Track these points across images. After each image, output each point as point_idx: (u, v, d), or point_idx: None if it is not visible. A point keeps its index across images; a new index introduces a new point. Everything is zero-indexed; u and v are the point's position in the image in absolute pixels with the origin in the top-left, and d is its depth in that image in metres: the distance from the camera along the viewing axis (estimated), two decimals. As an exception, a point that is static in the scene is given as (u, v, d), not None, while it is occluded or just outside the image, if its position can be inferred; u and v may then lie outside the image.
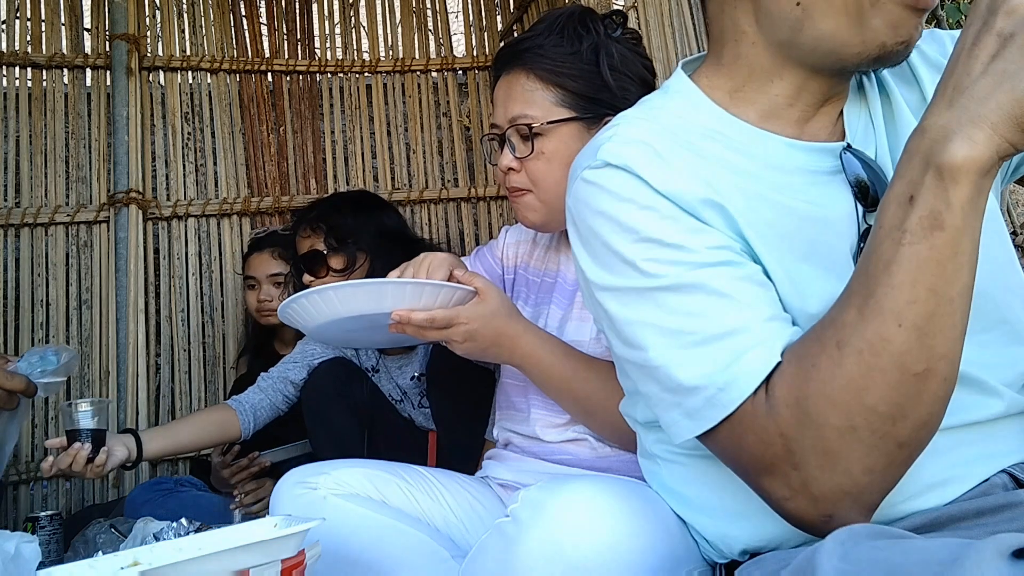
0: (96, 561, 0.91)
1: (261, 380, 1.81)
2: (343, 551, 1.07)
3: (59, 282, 2.36)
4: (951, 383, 0.58)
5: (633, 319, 0.70)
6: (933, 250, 0.54)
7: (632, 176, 0.71)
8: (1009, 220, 2.21)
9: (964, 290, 0.56)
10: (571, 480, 0.76)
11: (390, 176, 2.75)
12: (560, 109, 1.12)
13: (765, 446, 0.61)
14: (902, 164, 0.57)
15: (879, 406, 0.56)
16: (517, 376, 1.21)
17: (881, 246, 0.57)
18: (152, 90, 2.54)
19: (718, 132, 0.75)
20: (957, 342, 0.57)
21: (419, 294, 1.04)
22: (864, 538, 0.51)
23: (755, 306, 0.65)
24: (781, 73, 0.73)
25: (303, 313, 1.07)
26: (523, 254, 1.34)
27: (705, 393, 0.64)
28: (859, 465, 0.58)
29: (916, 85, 0.78)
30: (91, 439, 1.41)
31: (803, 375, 0.59)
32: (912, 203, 0.55)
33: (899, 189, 0.56)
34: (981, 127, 0.53)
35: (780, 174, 0.73)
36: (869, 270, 0.57)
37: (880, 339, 0.56)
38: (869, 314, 0.56)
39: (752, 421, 0.62)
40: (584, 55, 1.12)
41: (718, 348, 0.64)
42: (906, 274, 0.55)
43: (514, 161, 1.14)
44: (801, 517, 0.61)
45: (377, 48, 2.81)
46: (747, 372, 0.62)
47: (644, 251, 0.69)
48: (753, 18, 0.72)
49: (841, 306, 0.59)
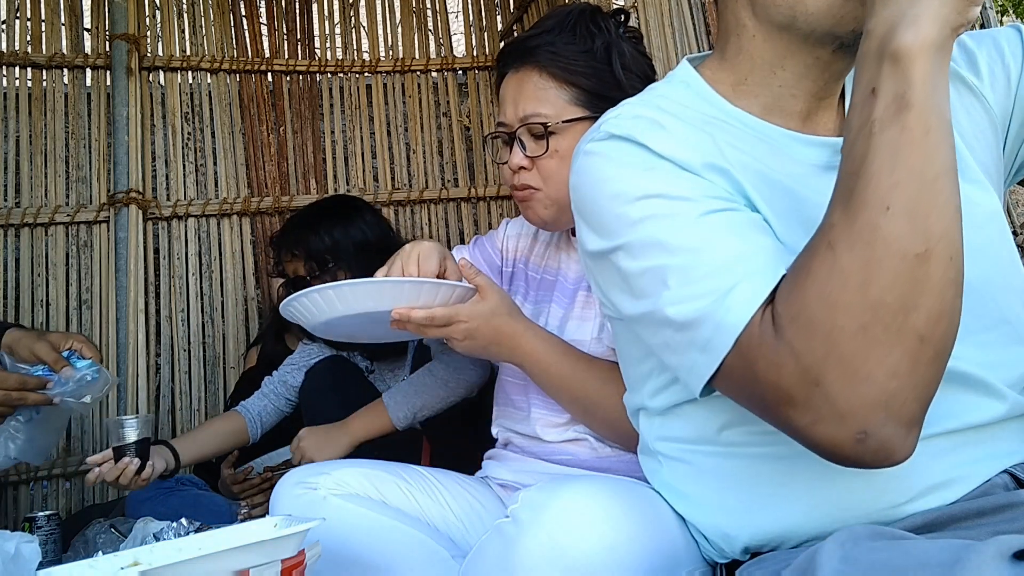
0: (96, 561, 0.91)
1: (264, 385, 1.85)
2: (343, 551, 1.07)
3: (59, 282, 2.36)
4: (957, 264, 0.56)
5: (643, 267, 0.69)
6: (905, 131, 0.55)
7: (634, 144, 0.72)
8: (1010, 220, 2.21)
9: (946, 169, 0.56)
10: (571, 481, 0.76)
11: (390, 176, 2.75)
12: (574, 107, 1.11)
13: (778, 369, 0.58)
14: (857, 69, 0.59)
15: (885, 297, 0.54)
16: (517, 375, 1.21)
17: (855, 145, 0.57)
18: (152, 90, 2.54)
19: (722, 121, 0.75)
20: (952, 221, 0.56)
21: (418, 292, 1.04)
22: (864, 539, 0.51)
23: (757, 240, 0.66)
24: (783, 63, 0.73)
25: (304, 311, 1.08)
26: (523, 248, 1.34)
27: (712, 320, 0.62)
28: (881, 368, 0.54)
29: None
30: (137, 453, 1.46)
31: (800, 284, 0.58)
32: (875, 94, 0.56)
33: (860, 89, 0.58)
34: (922, 9, 0.55)
35: (781, 166, 0.73)
36: (847, 167, 0.58)
37: (870, 228, 0.55)
38: (855, 208, 0.56)
39: (760, 345, 0.59)
40: (597, 53, 1.11)
41: (719, 278, 0.63)
42: (884, 160, 0.55)
43: (525, 160, 1.13)
44: (833, 442, 0.57)
45: (377, 48, 2.81)
46: (748, 294, 0.61)
47: (645, 207, 0.69)
48: (751, 11, 0.73)
49: (827, 212, 0.59)
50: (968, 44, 0.79)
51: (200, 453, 1.71)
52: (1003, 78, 0.77)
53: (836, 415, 0.56)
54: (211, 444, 1.74)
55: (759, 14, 0.72)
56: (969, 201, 0.71)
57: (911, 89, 0.55)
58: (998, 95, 0.77)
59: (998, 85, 0.77)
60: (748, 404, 0.65)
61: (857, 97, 0.58)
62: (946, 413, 0.67)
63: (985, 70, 0.77)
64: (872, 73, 0.57)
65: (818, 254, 0.57)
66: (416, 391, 1.44)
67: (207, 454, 1.75)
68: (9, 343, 1.51)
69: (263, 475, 1.87)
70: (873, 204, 0.55)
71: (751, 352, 0.60)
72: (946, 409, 0.67)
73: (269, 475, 1.86)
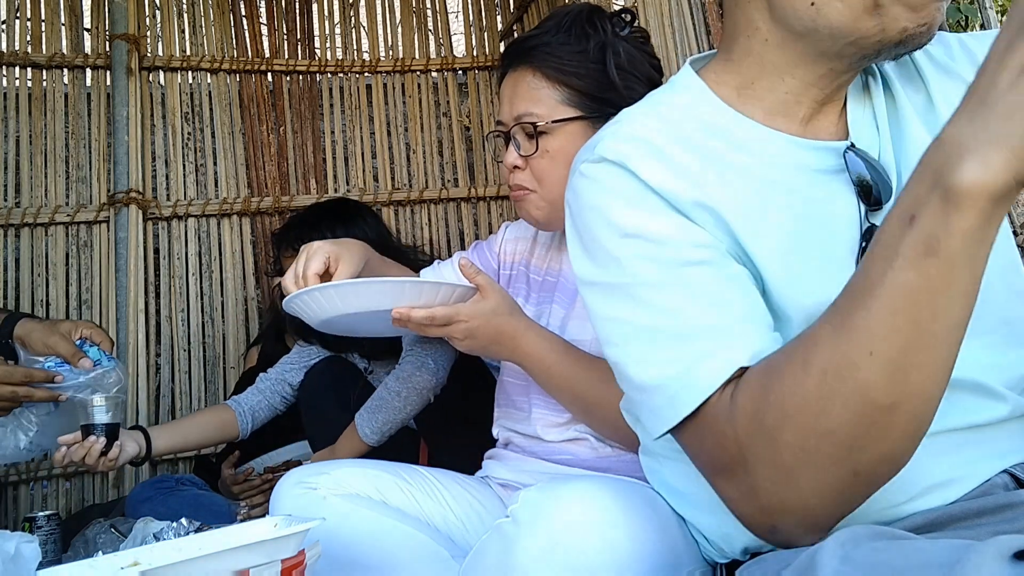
0: (96, 561, 0.91)
1: (260, 382, 1.84)
2: (343, 551, 1.07)
3: (59, 282, 2.36)
4: (924, 421, 0.54)
5: (610, 315, 0.70)
6: (922, 279, 0.49)
7: (625, 171, 0.71)
8: (1009, 220, 2.21)
9: (954, 326, 0.51)
10: (571, 481, 0.76)
11: (390, 176, 2.75)
12: (565, 108, 1.12)
13: (722, 449, 0.61)
14: (914, 176, 0.51)
15: (837, 431, 0.54)
16: (519, 375, 1.21)
17: (872, 265, 0.53)
18: (152, 90, 2.54)
19: (722, 128, 0.75)
20: (937, 380, 0.53)
21: (418, 292, 1.04)
22: (865, 539, 0.51)
23: (731, 308, 0.65)
24: (793, 71, 0.72)
25: (306, 308, 1.09)
26: (523, 251, 1.34)
27: (667, 392, 0.64)
28: (810, 486, 0.56)
29: (922, 85, 0.77)
30: (105, 433, 1.44)
31: (766, 386, 0.58)
32: (912, 223, 0.50)
33: (904, 204, 0.51)
34: (1000, 149, 0.46)
35: (783, 172, 0.72)
36: (854, 288, 0.54)
37: (848, 364, 0.53)
38: (842, 336, 0.53)
39: (713, 423, 0.61)
40: (591, 54, 1.11)
41: (686, 347, 0.64)
42: (888, 300, 0.51)
43: (519, 159, 1.14)
44: (747, 521, 0.62)
45: (377, 48, 2.81)
46: (708, 374, 0.62)
47: (629, 246, 0.69)
48: (768, 15, 0.71)
49: (820, 321, 0.57)
50: (970, 45, 0.79)
51: (179, 442, 1.67)
52: None
53: (758, 504, 0.59)
54: (193, 435, 1.70)
55: (776, 18, 0.70)
56: None
57: (948, 238, 0.48)
58: None
59: None
60: (691, 458, 0.67)
61: (898, 208, 0.52)
62: (946, 413, 0.67)
63: None
64: (921, 193, 0.50)
65: (792, 365, 0.57)
66: (377, 407, 1.44)
67: (189, 444, 1.71)
68: (21, 335, 1.49)
69: (263, 476, 1.88)
70: (860, 342, 0.52)
71: (703, 426, 0.63)
72: (946, 409, 0.67)
73: (270, 476, 1.87)
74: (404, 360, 1.45)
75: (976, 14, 2.35)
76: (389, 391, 1.43)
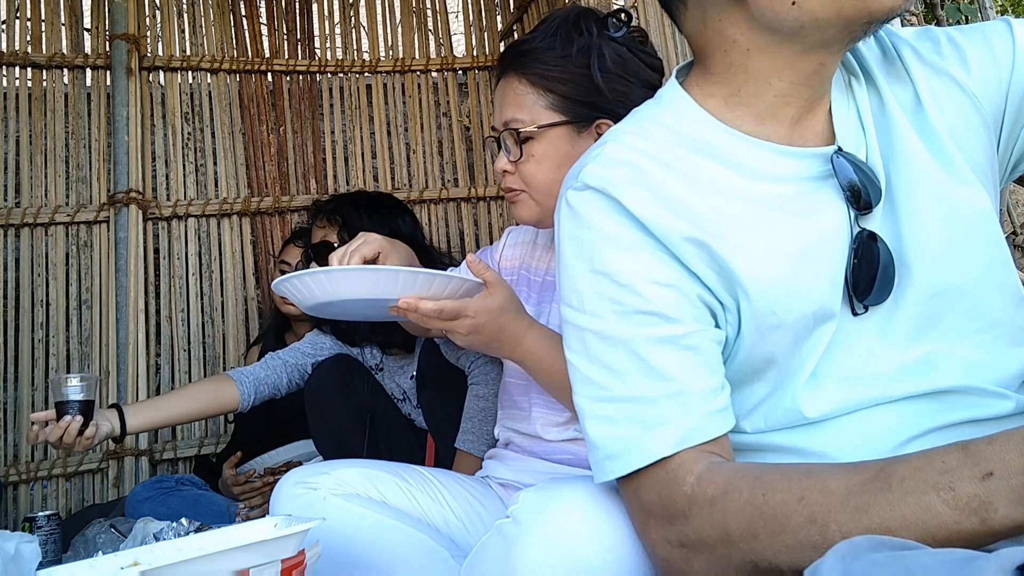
0: (96, 561, 0.91)
1: (268, 359, 1.78)
2: (343, 551, 1.07)
3: (59, 282, 2.36)
4: None
5: (568, 349, 0.75)
6: None
7: (609, 200, 0.72)
8: (1009, 220, 2.21)
9: None
10: (572, 481, 0.76)
11: (390, 176, 2.75)
12: (550, 113, 1.12)
13: (671, 503, 0.64)
14: (946, 458, 0.53)
15: (759, 560, 0.59)
16: (520, 375, 1.21)
17: (890, 492, 0.54)
18: (152, 90, 2.54)
19: (708, 143, 0.74)
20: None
21: (430, 283, 1.04)
22: (865, 551, 0.51)
23: (678, 379, 0.67)
24: (780, 74, 0.72)
25: (304, 290, 1.07)
26: (523, 255, 1.34)
27: (602, 452, 0.69)
28: None
29: (909, 83, 0.77)
30: (80, 411, 1.42)
31: (721, 499, 0.61)
32: (941, 494, 0.52)
33: (937, 465, 0.53)
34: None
35: (772, 184, 0.72)
36: (860, 483, 0.55)
37: (797, 545, 0.56)
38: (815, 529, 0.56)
39: (660, 487, 0.65)
40: (574, 58, 1.11)
41: (623, 412, 0.68)
42: (864, 524, 0.53)
43: (508, 164, 1.16)
44: (662, 564, 0.66)
45: (377, 48, 2.81)
46: (667, 440, 0.65)
47: (593, 283, 0.71)
48: (747, 26, 0.70)
49: (812, 478, 0.58)
50: (959, 40, 0.78)
51: (162, 418, 1.60)
52: (994, 75, 0.76)
53: (682, 554, 0.64)
54: (178, 407, 1.62)
55: (758, 27, 0.70)
56: (961, 203, 0.71)
57: None
58: (989, 92, 0.76)
59: (989, 82, 0.76)
60: (625, 503, 0.71)
61: (932, 476, 0.53)
62: (948, 411, 0.68)
63: (976, 67, 0.75)
64: (964, 496, 0.51)
65: (756, 499, 0.59)
66: (481, 420, 1.51)
67: (172, 418, 1.63)
68: None
69: (264, 478, 1.87)
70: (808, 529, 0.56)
71: (642, 487, 0.67)
72: (948, 407, 0.68)
73: (270, 478, 1.86)
74: (476, 381, 1.55)
75: (976, 14, 2.35)
76: (483, 399, 1.51)
